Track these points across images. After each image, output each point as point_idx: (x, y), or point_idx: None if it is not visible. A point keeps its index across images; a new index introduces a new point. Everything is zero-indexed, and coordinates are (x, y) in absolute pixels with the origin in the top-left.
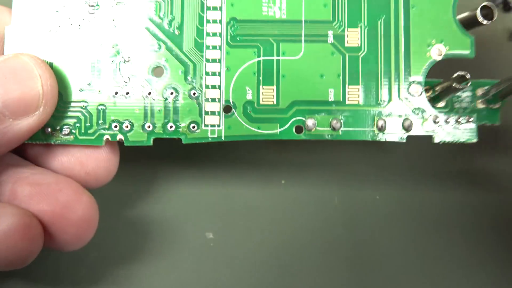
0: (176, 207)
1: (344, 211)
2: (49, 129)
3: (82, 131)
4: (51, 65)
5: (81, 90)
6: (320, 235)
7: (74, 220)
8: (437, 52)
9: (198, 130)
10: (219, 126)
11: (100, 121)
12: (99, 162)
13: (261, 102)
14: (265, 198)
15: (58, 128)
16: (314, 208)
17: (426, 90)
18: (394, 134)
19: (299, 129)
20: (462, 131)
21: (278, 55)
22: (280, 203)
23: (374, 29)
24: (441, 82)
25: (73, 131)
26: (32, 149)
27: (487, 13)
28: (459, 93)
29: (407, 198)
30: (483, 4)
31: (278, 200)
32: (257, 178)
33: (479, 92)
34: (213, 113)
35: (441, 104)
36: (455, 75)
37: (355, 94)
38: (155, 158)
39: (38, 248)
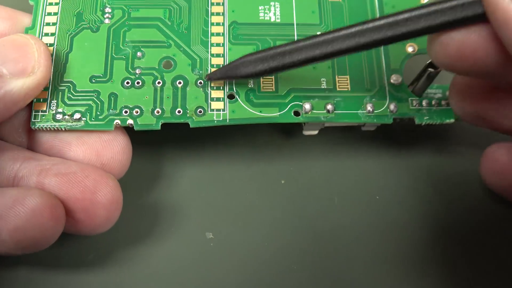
0: (174, 207)
1: (344, 211)
2: (60, 115)
3: (93, 116)
4: (67, 55)
5: (94, 80)
6: (320, 235)
7: (104, 203)
8: (411, 49)
9: (205, 114)
10: (223, 110)
11: (111, 108)
12: (114, 154)
13: (262, 90)
14: (265, 198)
15: (69, 113)
16: (314, 208)
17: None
18: (381, 116)
19: (297, 113)
20: (440, 113)
21: None
22: (280, 203)
23: None
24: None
25: (84, 117)
26: (46, 142)
27: None
28: (432, 91)
29: (407, 198)
30: None
31: (278, 200)
32: (257, 178)
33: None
34: (218, 99)
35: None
36: (428, 61)
37: (344, 83)
38: (155, 154)
39: (61, 229)
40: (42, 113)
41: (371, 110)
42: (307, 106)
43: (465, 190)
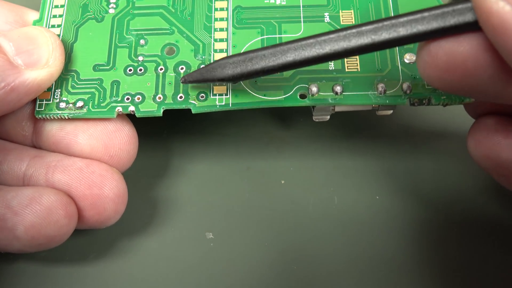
0: (173, 208)
1: (344, 211)
2: (64, 104)
3: (95, 104)
4: (72, 45)
5: (98, 68)
6: (320, 235)
7: (112, 197)
8: None
9: (207, 99)
10: (226, 94)
11: (113, 95)
12: (122, 145)
13: None
14: (265, 198)
15: (72, 102)
16: (314, 208)
17: None
18: (394, 97)
19: (303, 96)
20: None
21: (280, 33)
22: (280, 203)
23: (366, 11)
24: None
25: (86, 105)
26: (53, 136)
27: None
28: None
29: (407, 198)
30: None
31: (278, 200)
32: (257, 178)
33: None
34: (220, 83)
35: None
36: None
37: (353, 63)
38: (154, 155)
39: (74, 226)
40: (46, 102)
41: (382, 90)
42: (313, 88)
43: (467, 191)
